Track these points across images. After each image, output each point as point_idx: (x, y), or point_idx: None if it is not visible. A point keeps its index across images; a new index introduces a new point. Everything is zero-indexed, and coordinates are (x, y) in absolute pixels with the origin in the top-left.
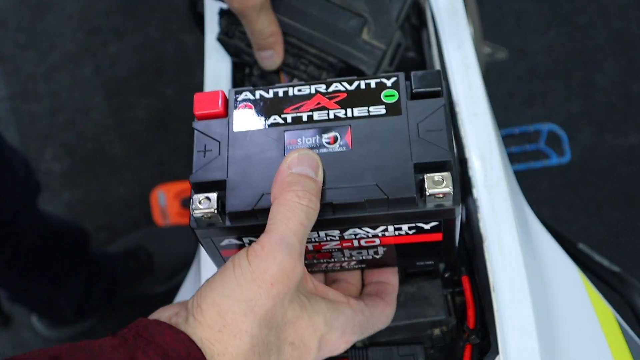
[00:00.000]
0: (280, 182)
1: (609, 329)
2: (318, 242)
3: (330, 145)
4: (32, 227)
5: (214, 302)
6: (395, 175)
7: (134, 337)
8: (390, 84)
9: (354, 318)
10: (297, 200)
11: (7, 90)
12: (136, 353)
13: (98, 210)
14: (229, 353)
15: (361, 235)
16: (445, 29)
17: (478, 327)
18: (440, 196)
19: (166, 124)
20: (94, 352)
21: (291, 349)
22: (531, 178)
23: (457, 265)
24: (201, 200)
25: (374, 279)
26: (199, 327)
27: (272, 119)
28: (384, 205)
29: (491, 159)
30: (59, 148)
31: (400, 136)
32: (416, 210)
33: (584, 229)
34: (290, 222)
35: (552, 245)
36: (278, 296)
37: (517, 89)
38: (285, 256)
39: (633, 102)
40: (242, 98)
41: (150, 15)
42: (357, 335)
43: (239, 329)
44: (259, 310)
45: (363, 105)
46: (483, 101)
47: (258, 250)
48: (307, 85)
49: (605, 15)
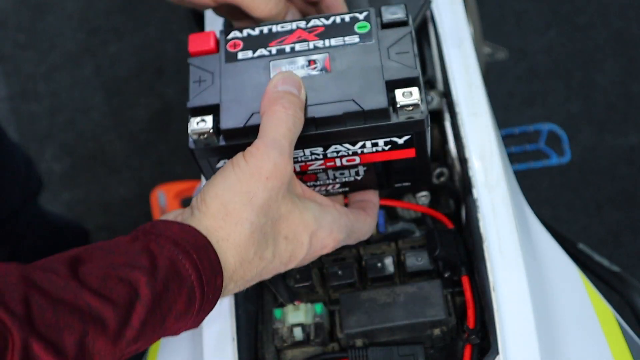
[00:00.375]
0: (267, 98)
1: (609, 329)
2: (304, 162)
3: (311, 71)
4: (32, 225)
5: (216, 195)
6: (369, 91)
7: (144, 233)
8: (363, 17)
9: (340, 218)
10: (283, 110)
11: (7, 90)
12: (150, 244)
13: (98, 210)
14: (232, 238)
15: (342, 152)
16: (445, 29)
17: (478, 327)
18: (410, 108)
19: (166, 124)
20: (110, 248)
21: (285, 242)
22: (531, 178)
23: (457, 264)
24: (198, 122)
25: (357, 198)
26: (204, 218)
27: (259, 52)
28: (360, 118)
29: (491, 159)
30: (59, 148)
31: (373, 59)
32: (389, 123)
33: (584, 229)
34: (280, 128)
35: (552, 245)
36: (273, 189)
37: (517, 89)
38: (278, 155)
39: (633, 102)
40: (232, 36)
41: (150, 15)
42: (343, 234)
43: (239, 217)
44: (257, 201)
45: (339, 36)
46: (483, 101)
47: (253, 151)
48: (289, 22)
49: (605, 15)
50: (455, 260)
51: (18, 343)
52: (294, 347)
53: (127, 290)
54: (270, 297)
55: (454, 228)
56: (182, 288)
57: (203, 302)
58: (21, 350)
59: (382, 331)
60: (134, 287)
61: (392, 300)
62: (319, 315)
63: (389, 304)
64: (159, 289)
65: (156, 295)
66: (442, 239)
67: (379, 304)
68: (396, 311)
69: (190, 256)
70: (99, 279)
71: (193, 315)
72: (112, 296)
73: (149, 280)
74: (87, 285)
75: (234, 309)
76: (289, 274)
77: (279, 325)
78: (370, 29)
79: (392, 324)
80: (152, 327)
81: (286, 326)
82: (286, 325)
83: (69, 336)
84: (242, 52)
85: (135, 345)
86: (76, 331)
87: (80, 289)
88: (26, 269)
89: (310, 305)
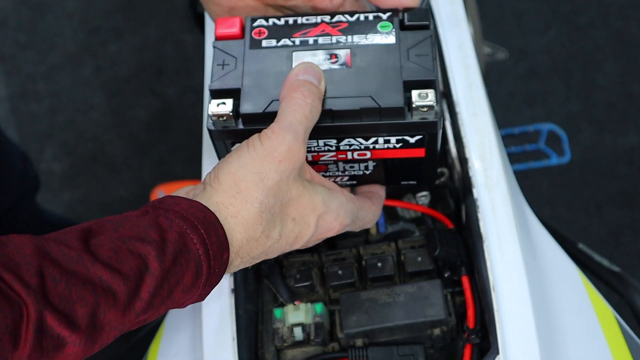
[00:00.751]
0: (288, 85)
1: (609, 329)
2: (317, 152)
3: (332, 64)
4: (31, 224)
5: (230, 172)
6: (387, 90)
7: (153, 208)
8: (386, 17)
9: (347, 203)
10: (302, 98)
11: (7, 90)
12: (159, 218)
13: (98, 210)
14: (241, 215)
15: (355, 146)
16: (445, 29)
17: (478, 327)
18: (425, 109)
19: (166, 124)
20: (121, 222)
21: (293, 223)
22: (531, 178)
23: (457, 264)
24: (218, 104)
25: (364, 189)
26: (216, 193)
27: (283, 42)
28: (376, 114)
29: (491, 159)
30: (59, 148)
31: (393, 59)
32: (404, 122)
33: (584, 229)
34: (297, 114)
35: (552, 245)
36: (284, 172)
37: (517, 89)
38: (292, 139)
39: (633, 102)
40: (258, 24)
41: (150, 15)
42: (349, 219)
43: (250, 195)
44: (268, 182)
45: (362, 33)
46: (483, 101)
47: (269, 134)
48: (314, 15)
49: (605, 15)
50: (455, 260)
51: (33, 315)
52: (294, 347)
53: (137, 263)
54: (270, 297)
55: (454, 228)
56: (189, 262)
57: (210, 276)
58: (36, 322)
59: (382, 331)
60: (144, 260)
61: (392, 300)
62: (319, 315)
63: (389, 303)
64: (168, 262)
65: (165, 269)
66: (442, 238)
67: (379, 304)
68: (396, 311)
69: (198, 231)
70: (110, 252)
71: (199, 288)
72: (122, 269)
73: (159, 254)
74: (99, 258)
75: (234, 309)
76: (289, 274)
77: (279, 325)
78: (392, 29)
79: (392, 323)
80: (160, 299)
81: (286, 326)
82: (286, 325)
83: (81, 308)
84: (266, 40)
85: (143, 316)
86: (88, 303)
87: (92, 262)
88: (40, 241)
89: (310, 305)
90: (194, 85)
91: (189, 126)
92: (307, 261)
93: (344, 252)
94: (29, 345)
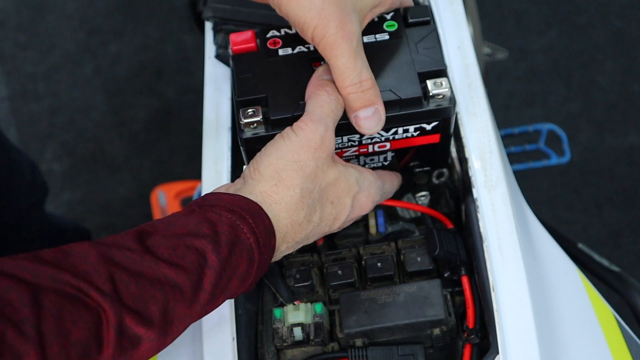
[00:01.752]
0: (313, 84)
1: (609, 329)
2: (340, 149)
3: None
4: (38, 229)
5: (270, 163)
6: (404, 82)
7: (198, 206)
8: (390, 17)
9: (375, 181)
10: (327, 95)
11: (7, 90)
12: (207, 214)
13: (98, 210)
14: (284, 202)
15: (376, 139)
16: (445, 29)
17: (478, 326)
18: (440, 97)
19: (166, 124)
20: (171, 221)
21: (331, 206)
22: (531, 178)
23: (456, 264)
24: (249, 112)
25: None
26: (258, 184)
27: (298, 49)
28: (396, 106)
29: (491, 159)
30: (59, 148)
31: (404, 53)
32: (421, 110)
33: (584, 229)
34: (324, 109)
35: (552, 245)
36: (320, 159)
37: (517, 89)
38: (324, 129)
39: (633, 102)
40: (271, 34)
41: (150, 15)
42: (378, 196)
43: (291, 182)
44: (306, 169)
45: (370, 34)
46: (483, 101)
47: (302, 125)
48: None
49: (605, 15)
50: (455, 260)
51: (112, 318)
52: (293, 347)
53: (195, 257)
54: (270, 297)
55: (454, 228)
56: (243, 252)
57: (260, 263)
58: (116, 324)
59: (382, 331)
60: (202, 254)
61: (392, 300)
62: (318, 315)
63: (389, 303)
64: (224, 254)
65: (222, 260)
66: (442, 238)
67: (379, 304)
68: (396, 311)
69: (246, 221)
70: (168, 250)
71: (252, 276)
72: (183, 264)
73: (214, 247)
74: (160, 257)
75: (234, 309)
76: (288, 273)
77: (279, 325)
78: (397, 27)
79: (392, 323)
80: (220, 290)
81: (286, 326)
82: (286, 325)
83: (153, 305)
84: (282, 49)
85: (206, 307)
86: (159, 301)
87: (155, 261)
88: (101, 248)
89: (310, 305)
90: (194, 85)
91: (189, 126)
92: (306, 261)
93: (344, 252)
94: (111, 346)
